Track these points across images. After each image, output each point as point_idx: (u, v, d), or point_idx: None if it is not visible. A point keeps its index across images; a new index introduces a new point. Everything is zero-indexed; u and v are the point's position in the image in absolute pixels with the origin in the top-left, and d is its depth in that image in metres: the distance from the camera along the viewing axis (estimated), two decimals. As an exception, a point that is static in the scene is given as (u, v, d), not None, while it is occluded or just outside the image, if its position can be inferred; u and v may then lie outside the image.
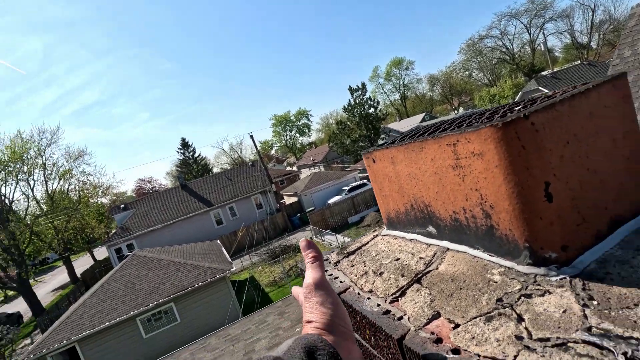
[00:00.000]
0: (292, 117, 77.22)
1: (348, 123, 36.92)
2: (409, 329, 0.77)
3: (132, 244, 27.06)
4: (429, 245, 1.01)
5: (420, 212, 1.02)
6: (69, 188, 32.31)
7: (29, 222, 26.71)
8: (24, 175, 28.02)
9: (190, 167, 56.28)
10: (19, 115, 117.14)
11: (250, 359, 6.21)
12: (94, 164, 74.28)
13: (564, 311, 0.61)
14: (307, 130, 79.35)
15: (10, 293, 35.99)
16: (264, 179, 30.78)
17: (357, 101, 36.37)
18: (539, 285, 0.69)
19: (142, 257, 16.50)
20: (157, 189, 55.42)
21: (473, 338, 0.65)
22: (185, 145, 57.29)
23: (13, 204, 27.65)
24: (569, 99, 0.70)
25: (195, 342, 9.09)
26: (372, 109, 36.49)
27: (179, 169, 56.93)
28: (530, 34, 55.87)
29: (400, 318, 0.82)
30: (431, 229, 1.00)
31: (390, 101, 74.56)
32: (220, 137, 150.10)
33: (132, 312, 13.13)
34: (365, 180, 27.43)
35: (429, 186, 0.93)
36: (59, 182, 31.30)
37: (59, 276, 41.77)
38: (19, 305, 30.41)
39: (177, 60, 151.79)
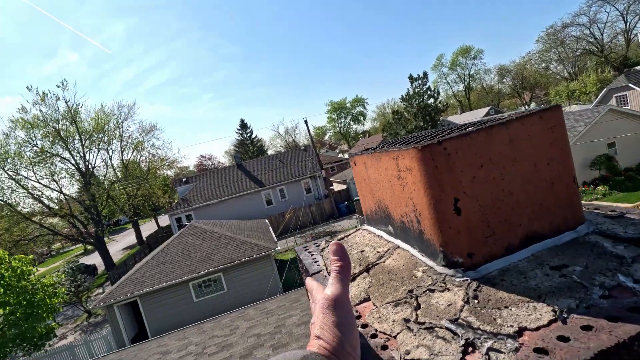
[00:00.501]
0: (348, 105, 76.79)
1: (405, 113, 35.81)
2: (344, 307, 0.94)
3: (190, 215, 29.39)
4: (388, 241, 1.15)
5: (383, 213, 1.16)
6: (140, 159, 35.75)
7: (106, 187, 30.15)
8: (104, 144, 31.59)
9: (247, 147, 58.91)
10: (104, 91, 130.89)
11: (280, 332, 6.67)
12: (162, 138, 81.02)
13: (449, 305, 0.75)
14: (362, 119, 78.52)
15: (89, 247, 41.12)
16: (315, 164, 31.35)
17: (417, 91, 34.98)
18: (444, 283, 0.82)
19: (198, 228, 17.95)
20: (216, 166, 59.04)
21: (379, 317, 0.81)
22: (243, 126, 59.95)
23: (94, 169, 31.35)
24: (487, 129, 0.80)
25: (235, 310, 9.87)
26: (431, 100, 34.96)
27: (237, 149, 59.92)
28: (626, 22, 49.05)
29: (344, 298, 0.99)
30: (390, 228, 1.14)
31: (453, 92, 70.74)
32: (277, 120, 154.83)
33: (185, 277, 14.47)
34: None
35: (386, 191, 1.07)
36: (132, 153, 34.80)
37: (128, 237, 46.85)
38: (95, 259, 34.74)
39: (240, 44, 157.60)
